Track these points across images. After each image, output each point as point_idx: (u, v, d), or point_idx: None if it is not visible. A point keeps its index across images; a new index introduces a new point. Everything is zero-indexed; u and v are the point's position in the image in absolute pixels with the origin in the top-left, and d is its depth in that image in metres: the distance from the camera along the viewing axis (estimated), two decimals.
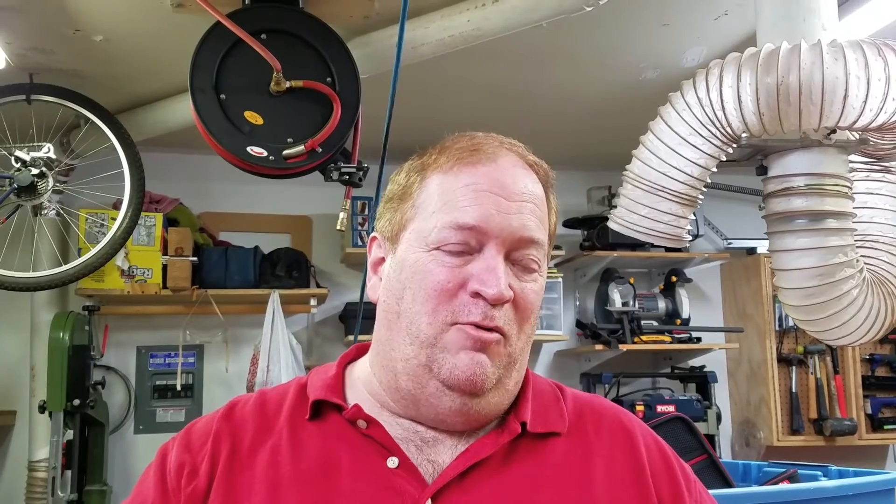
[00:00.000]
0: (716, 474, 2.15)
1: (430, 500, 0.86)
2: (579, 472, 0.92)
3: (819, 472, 2.19)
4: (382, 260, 0.98)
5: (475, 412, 0.91)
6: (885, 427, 4.43)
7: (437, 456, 0.90)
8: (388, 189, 1.00)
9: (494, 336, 0.88)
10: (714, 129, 1.79)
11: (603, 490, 0.91)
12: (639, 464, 0.95)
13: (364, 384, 0.98)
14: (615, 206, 2.01)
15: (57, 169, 2.94)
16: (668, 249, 4.32)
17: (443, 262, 0.89)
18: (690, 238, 1.94)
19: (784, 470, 2.26)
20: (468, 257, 0.90)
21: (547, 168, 0.98)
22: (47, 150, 2.87)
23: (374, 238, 1.01)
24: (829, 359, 4.41)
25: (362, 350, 1.04)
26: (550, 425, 0.95)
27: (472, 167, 0.92)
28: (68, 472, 3.31)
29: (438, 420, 0.91)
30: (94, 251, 2.94)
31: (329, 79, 2.45)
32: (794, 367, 4.39)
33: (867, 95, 1.64)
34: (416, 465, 0.89)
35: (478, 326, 0.88)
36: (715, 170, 1.86)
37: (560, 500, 0.89)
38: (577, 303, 4.55)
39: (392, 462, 0.89)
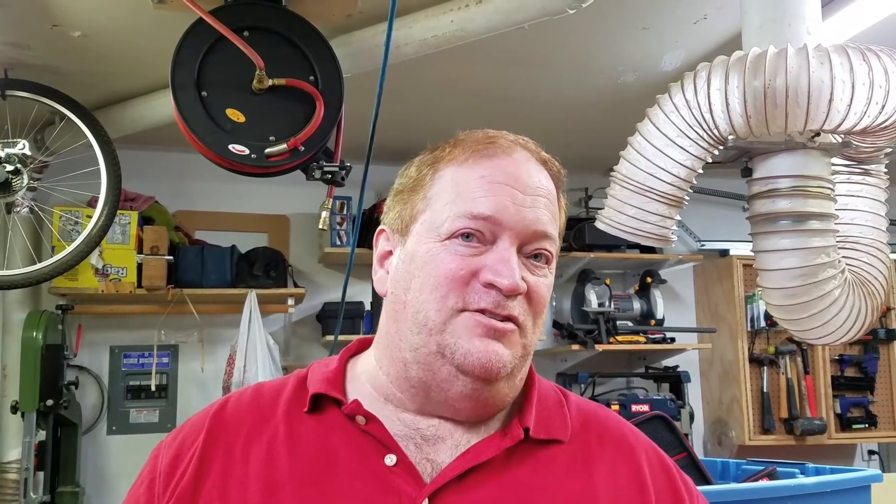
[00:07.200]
0: (695, 472, 2.16)
1: (427, 500, 0.84)
2: (580, 482, 0.91)
3: (797, 470, 2.22)
4: (390, 253, 0.98)
5: (485, 398, 0.90)
6: (854, 426, 4.51)
7: (437, 455, 0.89)
8: (398, 183, 0.99)
9: (509, 326, 0.88)
10: (701, 131, 1.81)
11: (605, 503, 0.90)
12: (642, 482, 0.94)
13: (368, 378, 0.96)
14: (602, 207, 2.02)
15: (31, 166, 2.89)
16: (642, 251, 4.37)
17: (455, 252, 0.89)
18: (676, 238, 1.96)
19: (763, 468, 2.29)
20: (481, 248, 0.89)
21: (559, 166, 0.98)
22: (22, 147, 2.83)
23: (382, 231, 1.00)
24: (799, 359, 4.48)
25: (364, 344, 1.02)
26: (553, 432, 0.94)
27: (487, 159, 0.92)
28: (41, 474, 3.27)
29: (447, 405, 0.90)
30: (68, 249, 2.89)
31: (312, 77, 2.44)
32: (765, 368, 4.45)
33: (851, 99, 1.67)
34: (415, 463, 0.88)
35: (488, 313, 0.87)
36: (701, 171, 1.88)
37: None
38: (554, 303, 4.57)
39: (390, 460, 0.87)
